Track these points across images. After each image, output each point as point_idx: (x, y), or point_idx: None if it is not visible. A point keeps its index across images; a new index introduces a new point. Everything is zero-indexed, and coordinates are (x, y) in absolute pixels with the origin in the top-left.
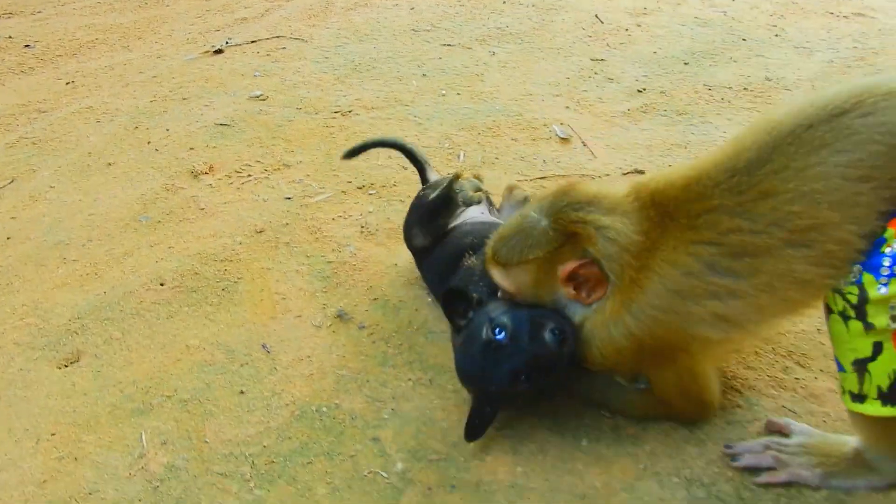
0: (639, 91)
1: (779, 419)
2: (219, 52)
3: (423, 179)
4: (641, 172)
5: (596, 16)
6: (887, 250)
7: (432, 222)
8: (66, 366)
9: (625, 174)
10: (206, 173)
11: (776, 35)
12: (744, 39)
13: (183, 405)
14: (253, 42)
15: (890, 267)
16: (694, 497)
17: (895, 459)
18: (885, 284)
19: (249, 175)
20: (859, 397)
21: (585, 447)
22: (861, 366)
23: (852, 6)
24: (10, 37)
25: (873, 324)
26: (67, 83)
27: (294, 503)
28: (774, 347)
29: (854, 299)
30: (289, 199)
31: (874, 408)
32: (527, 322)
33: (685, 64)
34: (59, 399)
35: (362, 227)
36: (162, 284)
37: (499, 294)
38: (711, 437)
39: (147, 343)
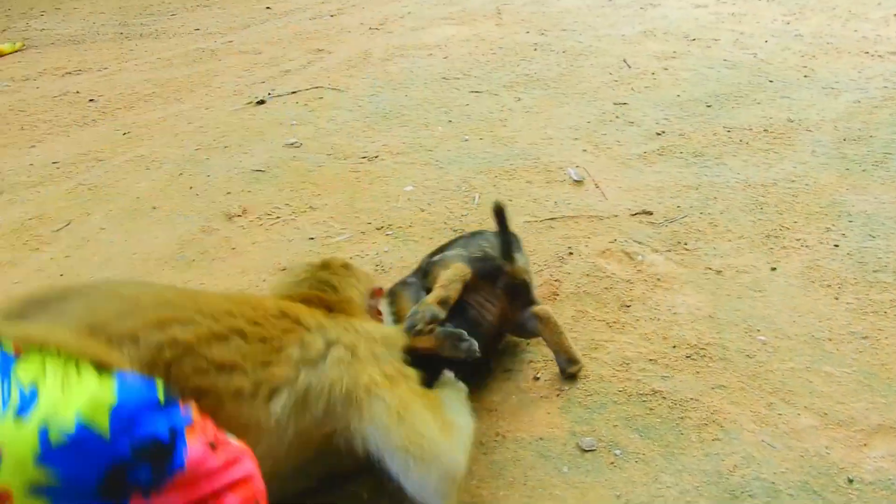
0: (657, 134)
1: None
2: (261, 102)
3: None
4: (650, 213)
5: (624, 60)
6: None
7: None
8: None
9: (633, 215)
10: (239, 216)
11: (805, 76)
12: (770, 81)
13: None
14: (293, 93)
15: None
16: None
17: None
18: None
19: (278, 217)
20: None
21: (566, 474)
22: None
23: (889, 45)
24: (77, 92)
25: None
26: (124, 134)
27: None
28: (762, 384)
29: None
30: (312, 239)
31: None
32: None
33: (707, 106)
34: None
35: (377, 265)
36: None
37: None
38: (688, 468)
39: None
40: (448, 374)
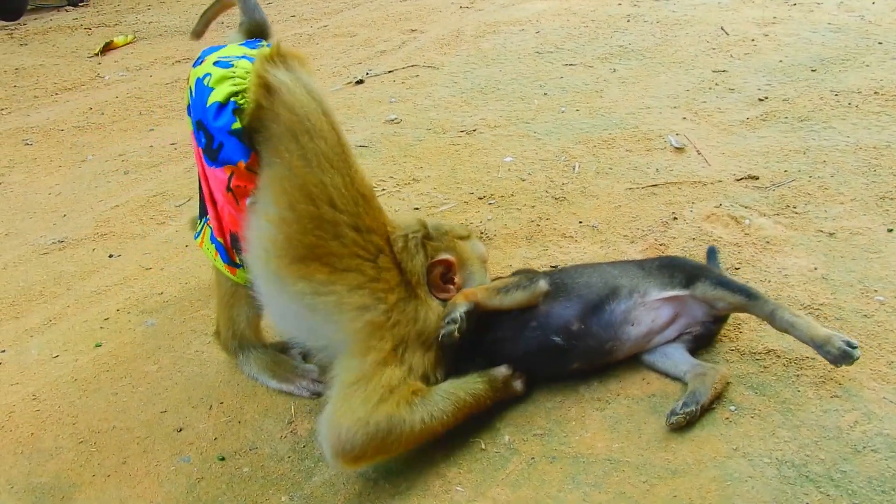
0: (760, 100)
1: None
2: (360, 82)
3: None
4: (755, 178)
5: (721, 28)
6: None
7: None
8: None
9: (738, 180)
10: None
11: None
12: (880, 43)
13: None
14: (390, 72)
15: None
16: (783, 476)
17: None
18: None
19: (384, 189)
20: None
21: (681, 428)
22: None
23: None
24: (187, 79)
25: None
26: None
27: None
28: (881, 343)
29: None
30: (417, 209)
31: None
32: None
33: (812, 71)
34: (227, 375)
35: (482, 232)
36: None
37: None
38: (806, 424)
39: None
40: (501, 370)
